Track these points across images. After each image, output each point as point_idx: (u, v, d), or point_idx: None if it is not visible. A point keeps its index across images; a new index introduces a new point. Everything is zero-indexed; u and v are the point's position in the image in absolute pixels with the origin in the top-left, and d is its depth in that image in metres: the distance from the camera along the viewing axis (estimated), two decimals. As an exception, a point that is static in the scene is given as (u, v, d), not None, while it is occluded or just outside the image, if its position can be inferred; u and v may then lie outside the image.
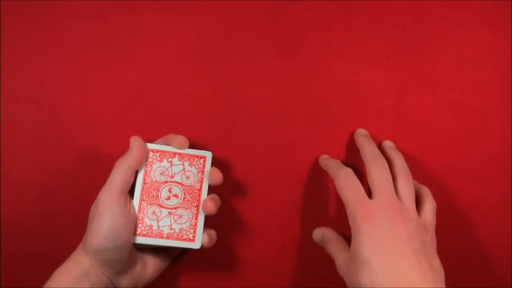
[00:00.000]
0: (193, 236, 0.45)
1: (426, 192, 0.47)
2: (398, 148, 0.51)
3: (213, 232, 0.47)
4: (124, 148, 0.45)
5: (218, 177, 0.46)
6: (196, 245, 0.45)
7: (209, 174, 0.46)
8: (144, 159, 0.45)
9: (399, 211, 0.43)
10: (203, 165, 0.47)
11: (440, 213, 0.46)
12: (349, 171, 0.46)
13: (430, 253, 0.42)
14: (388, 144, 0.50)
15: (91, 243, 0.42)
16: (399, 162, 0.47)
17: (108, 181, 0.44)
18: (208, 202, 0.45)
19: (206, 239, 0.46)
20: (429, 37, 0.51)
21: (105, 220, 0.42)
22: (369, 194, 0.44)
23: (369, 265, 0.40)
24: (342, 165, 0.48)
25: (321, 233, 0.49)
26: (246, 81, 0.51)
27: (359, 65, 0.51)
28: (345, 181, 0.45)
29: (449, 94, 0.51)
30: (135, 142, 0.45)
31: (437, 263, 0.42)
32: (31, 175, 0.51)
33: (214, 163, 0.48)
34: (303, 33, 0.51)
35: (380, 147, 0.50)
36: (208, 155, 0.47)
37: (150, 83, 0.51)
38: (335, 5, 0.51)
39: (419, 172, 0.51)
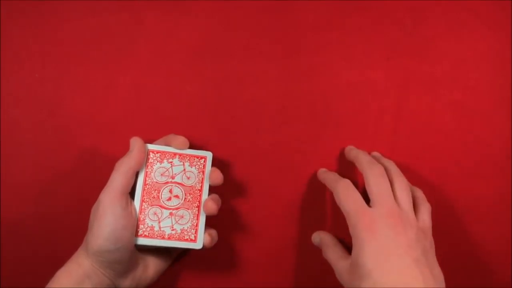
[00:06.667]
0: (195, 237, 0.45)
1: (421, 195, 0.47)
2: (398, 148, 0.51)
3: (214, 232, 0.47)
4: (124, 148, 0.45)
5: (218, 177, 0.46)
6: (197, 245, 0.45)
7: (210, 174, 0.46)
8: (144, 160, 0.45)
9: (400, 218, 0.43)
10: (204, 166, 0.47)
11: (440, 214, 0.46)
12: (347, 182, 0.46)
13: (431, 261, 0.42)
14: (376, 154, 0.50)
15: (92, 244, 0.42)
16: (393, 168, 0.47)
17: (109, 182, 0.43)
18: (209, 203, 0.45)
19: (207, 239, 0.46)
20: (429, 37, 0.51)
21: (106, 221, 0.42)
22: (368, 201, 0.44)
23: (372, 277, 0.40)
24: (340, 177, 0.47)
25: (319, 237, 0.49)
26: (246, 81, 0.51)
27: (359, 65, 0.51)
28: (344, 192, 0.45)
29: (449, 94, 0.51)
30: (135, 143, 0.45)
31: (437, 270, 0.42)
32: (31, 175, 0.50)
33: (215, 163, 0.48)
34: (303, 33, 0.51)
35: None
36: (209, 155, 0.47)
37: (150, 83, 0.51)
38: (335, 5, 0.51)
39: (419, 172, 0.51)
